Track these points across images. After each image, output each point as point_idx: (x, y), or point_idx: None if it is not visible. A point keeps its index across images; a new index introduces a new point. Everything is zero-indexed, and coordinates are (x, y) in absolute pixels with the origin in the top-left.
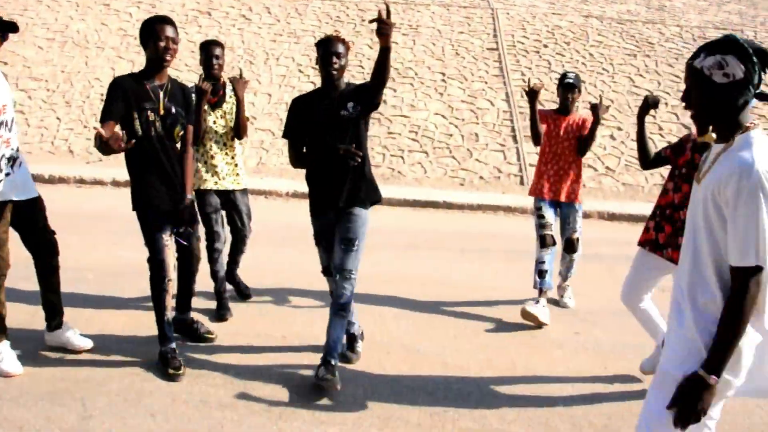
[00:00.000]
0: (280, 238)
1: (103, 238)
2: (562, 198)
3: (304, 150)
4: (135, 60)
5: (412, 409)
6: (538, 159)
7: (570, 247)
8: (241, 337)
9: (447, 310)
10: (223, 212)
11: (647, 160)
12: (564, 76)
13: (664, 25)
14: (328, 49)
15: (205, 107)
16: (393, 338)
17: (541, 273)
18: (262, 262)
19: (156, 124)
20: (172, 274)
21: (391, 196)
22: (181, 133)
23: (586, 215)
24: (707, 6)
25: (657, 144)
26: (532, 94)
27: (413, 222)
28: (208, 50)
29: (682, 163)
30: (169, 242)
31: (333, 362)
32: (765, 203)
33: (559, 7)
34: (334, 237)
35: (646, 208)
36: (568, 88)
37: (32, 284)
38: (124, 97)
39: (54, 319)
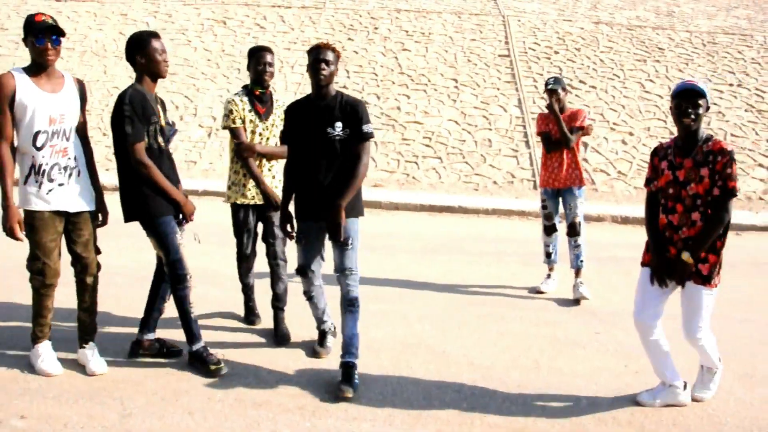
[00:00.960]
0: None
1: (125, 243)
2: (564, 184)
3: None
4: None
5: (440, 407)
6: (541, 155)
7: (572, 230)
8: (270, 338)
9: (469, 311)
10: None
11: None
12: (546, 83)
13: (673, 30)
14: (317, 57)
15: (254, 117)
16: (419, 339)
17: (548, 254)
18: None
19: (158, 138)
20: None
21: (407, 201)
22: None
23: (599, 219)
24: (716, 11)
25: None
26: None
27: (430, 227)
28: (259, 57)
29: (664, 184)
30: (183, 241)
31: (352, 360)
32: None
33: (569, 14)
34: (315, 239)
35: None
36: (551, 93)
37: (67, 287)
38: (140, 115)
39: (83, 337)
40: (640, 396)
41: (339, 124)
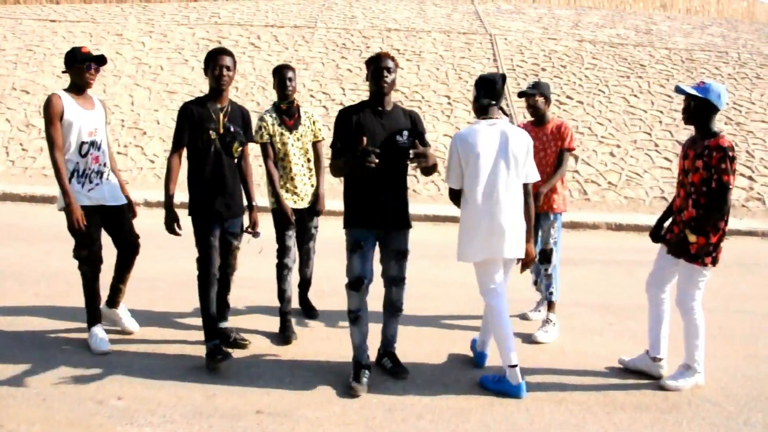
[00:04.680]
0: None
1: (157, 252)
2: (539, 209)
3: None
4: (151, 87)
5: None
6: None
7: (542, 256)
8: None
9: None
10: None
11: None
12: (520, 90)
13: (653, 47)
14: (378, 65)
15: (283, 130)
16: (456, 331)
17: (534, 281)
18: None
19: (216, 143)
20: (217, 272)
21: (412, 212)
22: (240, 149)
23: (595, 226)
24: (691, 29)
25: (654, 160)
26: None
27: (436, 236)
28: (281, 74)
29: (698, 181)
30: (216, 244)
31: (395, 351)
32: (449, 154)
33: (553, 33)
34: (371, 249)
35: (651, 219)
36: (524, 97)
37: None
38: (190, 121)
39: (114, 299)
40: (666, 382)
41: (406, 133)
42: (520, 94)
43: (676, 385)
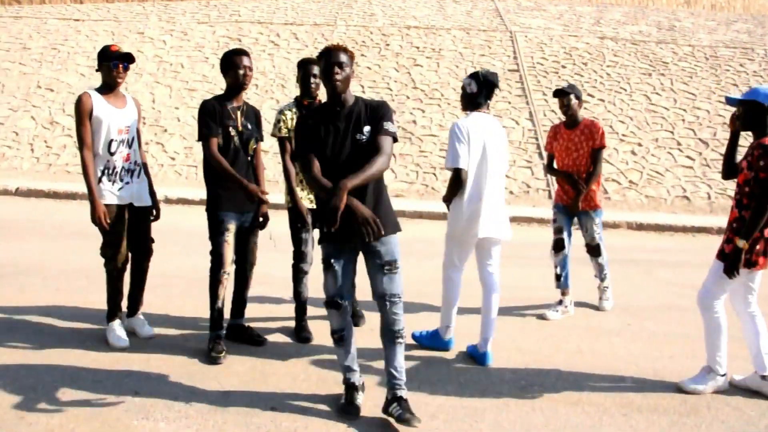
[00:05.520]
0: None
1: (174, 249)
2: (578, 206)
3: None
4: (172, 85)
5: (501, 384)
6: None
7: (591, 251)
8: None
9: (508, 308)
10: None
11: (728, 172)
12: (556, 88)
13: (676, 44)
14: (328, 60)
15: None
16: (470, 330)
17: (557, 277)
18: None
19: (235, 139)
20: (229, 268)
21: (430, 210)
22: (254, 146)
23: (615, 225)
24: (716, 26)
25: (676, 159)
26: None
27: None
28: (307, 69)
29: (742, 181)
30: (229, 239)
31: (405, 394)
32: (454, 139)
33: (574, 29)
34: (347, 264)
35: (672, 219)
36: (558, 95)
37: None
38: (213, 117)
39: (133, 309)
40: (684, 383)
41: (367, 128)
42: (556, 93)
43: (694, 388)
